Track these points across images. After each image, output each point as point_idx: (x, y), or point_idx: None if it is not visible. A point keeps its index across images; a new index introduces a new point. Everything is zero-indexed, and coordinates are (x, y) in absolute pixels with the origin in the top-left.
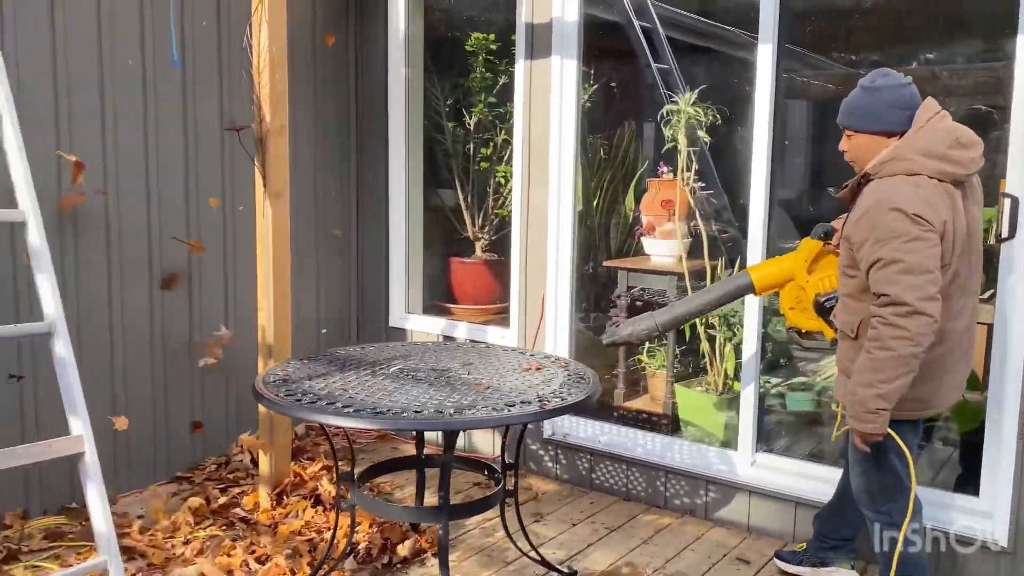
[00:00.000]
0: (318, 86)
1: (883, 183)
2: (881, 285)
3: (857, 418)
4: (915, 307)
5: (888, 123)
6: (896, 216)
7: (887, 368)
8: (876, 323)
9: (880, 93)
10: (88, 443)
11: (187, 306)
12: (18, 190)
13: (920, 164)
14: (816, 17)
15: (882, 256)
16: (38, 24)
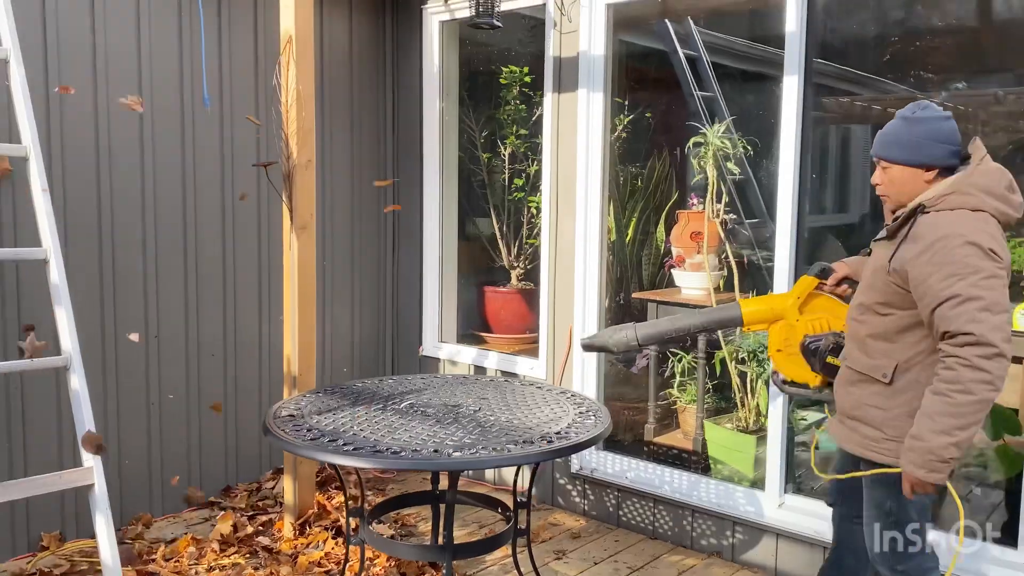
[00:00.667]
0: (354, 119)
1: (946, 216)
2: (960, 324)
3: (925, 466)
4: (1000, 349)
5: (928, 156)
6: (973, 251)
7: (968, 414)
8: (954, 364)
9: (921, 125)
10: (98, 474)
11: (222, 334)
12: (41, 228)
13: (983, 201)
14: (875, 41)
15: (960, 292)
16: (83, 66)
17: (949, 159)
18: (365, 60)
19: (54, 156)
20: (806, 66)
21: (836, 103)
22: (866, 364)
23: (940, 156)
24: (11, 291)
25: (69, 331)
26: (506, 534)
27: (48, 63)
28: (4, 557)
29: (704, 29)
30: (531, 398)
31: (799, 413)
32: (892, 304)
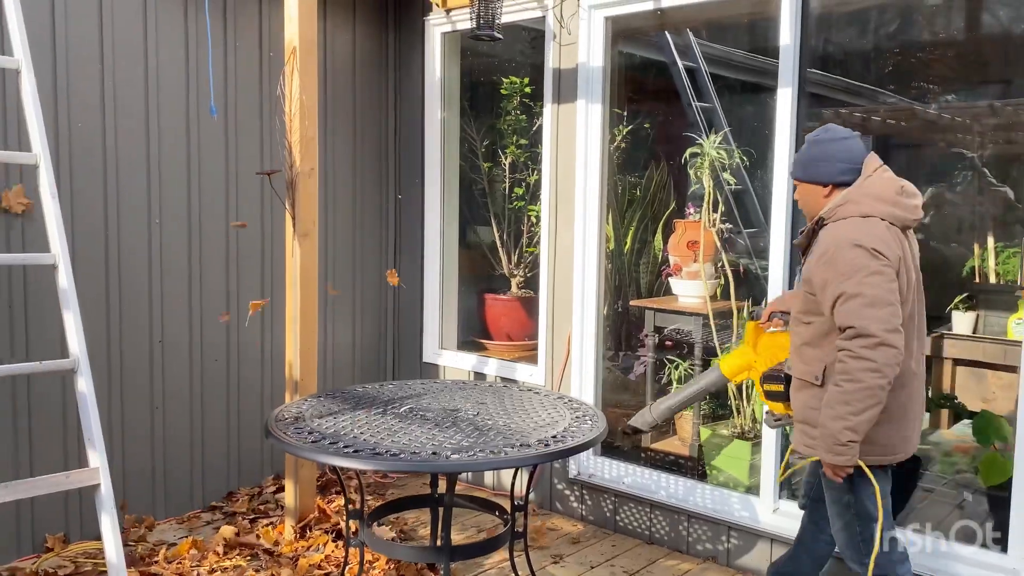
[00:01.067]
0: (357, 128)
1: (839, 224)
2: (847, 318)
3: (829, 451)
4: (881, 338)
5: (822, 174)
6: (857, 252)
7: (856, 400)
8: (844, 357)
9: (818, 146)
10: (104, 475)
11: (225, 339)
12: (51, 234)
13: (872, 207)
14: (871, 53)
15: (845, 290)
16: (91, 76)
17: (841, 175)
18: (368, 71)
19: (62, 164)
20: (800, 78)
21: (834, 115)
22: (802, 370)
23: (832, 173)
24: (19, 295)
25: (77, 335)
26: (503, 536)
27: (57, 74)
28: (9, 558)
29: (703, 41)
30: (529, 403)
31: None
32: (811, 312)
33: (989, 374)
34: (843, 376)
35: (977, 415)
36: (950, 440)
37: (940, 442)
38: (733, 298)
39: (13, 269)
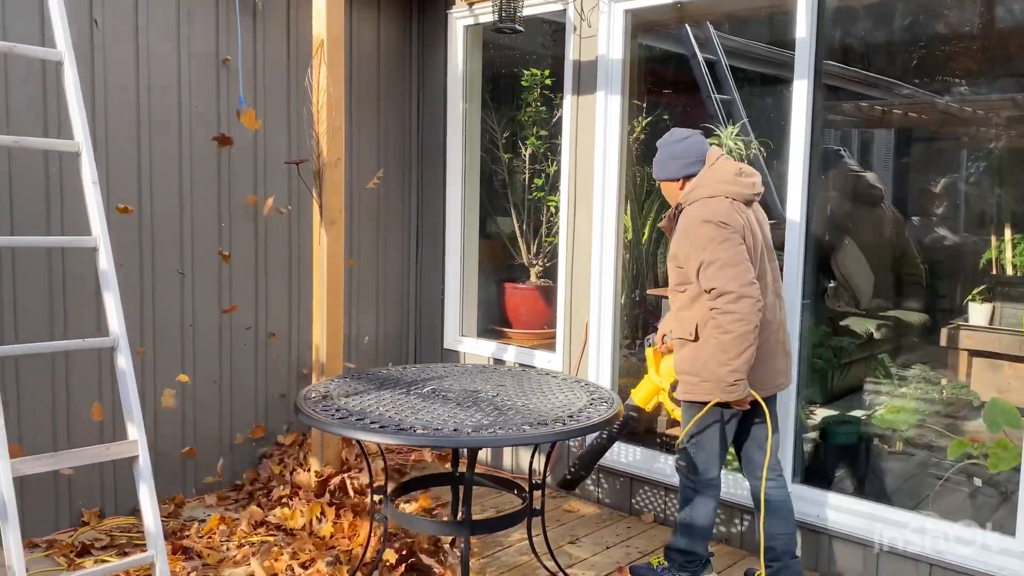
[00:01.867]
0: (381, 119)
1: (692, 207)
2: (709, 281)
3: (724, 391)
4: (739, 292)
5: (670, 171)
6: (707, 227)
7: (731, 347)
8: (714, 314)
9: (663, 150)
10: (142, 448)
11: (254, 322)
12: (91, 218)
13: (716, 188)
14: (889, 46)
15: (704, 259)
16: (127, 68)
17: (685, 170)
18: (392, 63)
19: (99, 152)
20: (816, 70)
21: (853, 108)
22: (680, 330)
23: (677, 169)
24: (57, 277)
25: (116, 314)
26: (521, 513)
27: (95, 66)
28: (48, 531)
29: (723, 33)
30: (547, 386)
31: (806, 408)
32: (682, 283)
33: (1005, 365)
34: (717, 330)
35: (988, 402)
36: (964, 430)
37: (956, 432)
38: None
39: (53, 252)
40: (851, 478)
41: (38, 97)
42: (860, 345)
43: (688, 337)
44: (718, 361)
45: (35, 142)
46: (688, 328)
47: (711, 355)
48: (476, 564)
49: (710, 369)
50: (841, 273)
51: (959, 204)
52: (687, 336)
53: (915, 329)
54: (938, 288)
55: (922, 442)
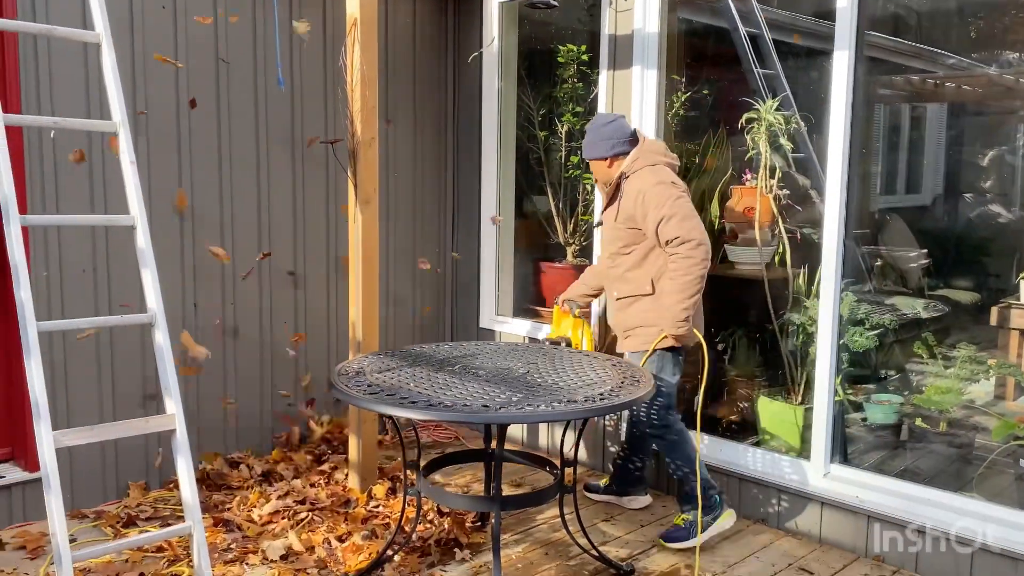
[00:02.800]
0: (416, 98)
1: (638, 174)
2: (671, 232)
3: (674, 327)
4: (698, 240)
5: (600, 151)
6: (662, 187)
7: (689, 287)
8: (675, 260)
9: (596, 131)
10: (179, 421)
11: (292, 301)
12: (130, 198)
13: (656, 159)
14: (936, 15)
15: (664, 214)
16: (166, 50)
17: (612, 150)
18: (427, 41)
19: (139, 133)
20: (857, 41)
21: (905, 81)
22: (632, 288)
23: (604, 149)
24: (101, 255)
25: (154, 291)
26: (552, 489)
27: (135, 47)
28: (96, 502)
29: (765, 6)
30: (578, 364)
31: (849, 389)
32: (630, 243)
33: None
34: (677, 272)
35: None
36: (1013, 411)
37: (1003, 413)
38: (789, 265)
39: (97, 231)
40: (892, 459)
41: (80, 78)
42: (905, 324)
43: (643, 292)
44: (674, 300)
45: (75, 123)
46: (642, 284)
47: (667, 295)
48: (509, 539)
49: (667, 306)
50: (887, 251)
51: (1013, 179)
52: (642, 292)
53: (964, 308)
54: (989, 266)
55: (967, 423)
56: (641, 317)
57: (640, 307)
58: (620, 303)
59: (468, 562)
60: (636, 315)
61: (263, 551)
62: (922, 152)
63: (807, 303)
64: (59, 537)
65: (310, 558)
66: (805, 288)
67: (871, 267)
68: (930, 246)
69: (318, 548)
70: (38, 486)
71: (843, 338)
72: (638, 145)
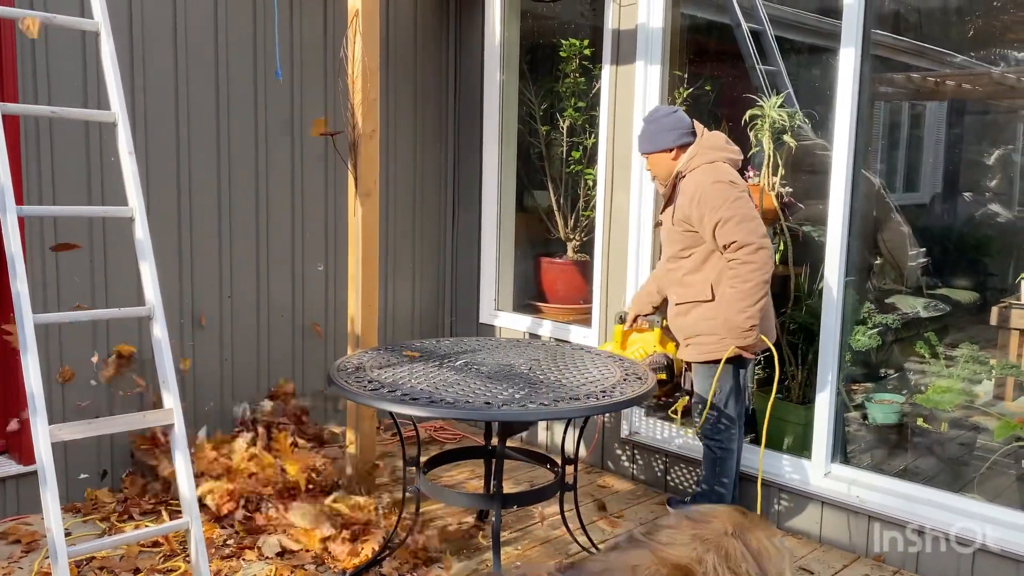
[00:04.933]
0: (417, 91)
1: (695, 172)
2: (729, 236)
3: (739, 338)
4: (758, 243)
5: (664, 142)
6: (719, 186)
7: (749, 295)
8: (734, 265)
9: (653, 123)
10: (177, 416)
11: (291, 294)
12: (128, 188)
13: (714, 155)
14: (944, 12)
15: (722, 216)
16: (165, 39)
17: (679, 140)
18: (429, 34)
19: (137, 123)
20: (864, 39)
21: (906, 79)
22: (690, 294)
23: (671, 140)
24: (99, 246)
25: (152, 284)
26: (553, 486)
27: (133, 36)
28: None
29: (768, 2)
30: (580, 361)
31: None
32: (688, 246)
33: None
34: (736, 279)
35: None
36: (1013, 411)
37: (1004, 413)
38: (791, 263)
39: (94, 222)
40: (892, 459)
41: (78, 67)
42: (906, 323)
43: (703, 298)
44: (736, 309)
45: (73, 112)
46: (702, 289)
47: (728, 304)
48: (508, 537)
49: (727, 319)
50: (887, 249)
51: (1013, 178)
52: (701, 297)
53: (964, 307)
54: (990, 266)
55: (968, 423)
56: (701, 325)
57: (699, 314)
58: (679, 308)
59: (468, 559)
60: (696, 323)
61: (259, 548)
62: (921, 150)
63: (809, 301)
64: (54, 532)
65: (307, 555)
66: (806, 286)
67: (871, 265)
68: (929, 245)
69: (315, 545)
70: (32, 479)
71: (846, 337)
72: (697, 139)
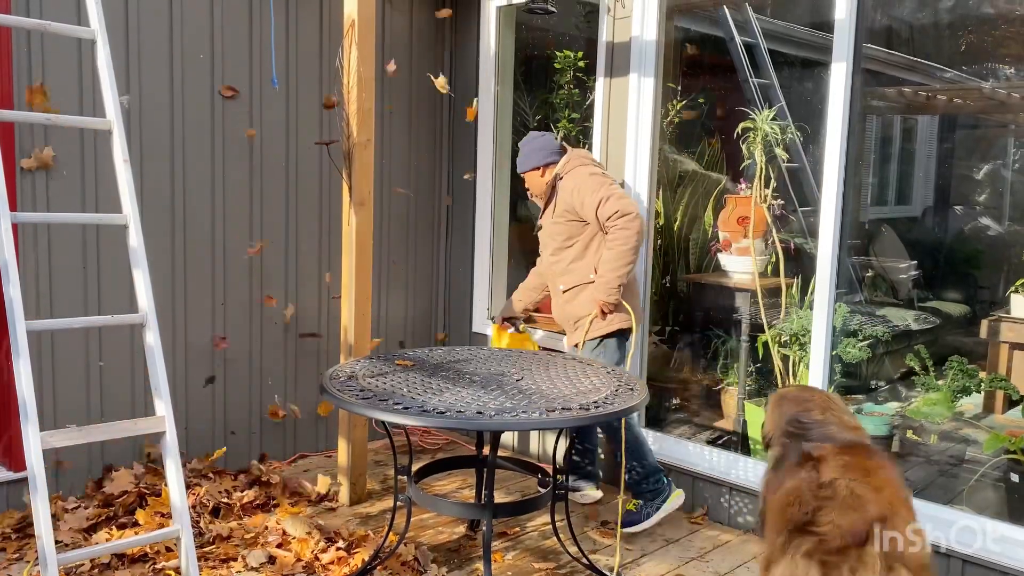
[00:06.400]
0: (412, 101)
1: (574, 171)
2: (610, 208)
3: (607, 294)
4: (636, 212)
5: (534, 162)
6: (596, 176)
7: (623, 256)
8: (613, 231)
9: (529, 145)
10: (169, 423)
11: (283, 303)
12: (123, 197)
13: (586, 160)
14: (935, 28)
15: (601, 195)
16: (160, 47)
17: (546, 159)
18: (424, 44)
19: (132, 131)
20: (855, 53)
21: (898, 93)
22: (576, 278)
23: (539, 159)
24: (92, 253)
25: (146, 291)
26: (545, 497)
27: (129, 44)
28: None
29: (762, 16)
30: (572, 371)
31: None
32: (572, 235)
33: None
34: (615, 242)
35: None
36: (1003, 424)
37: (993, 426)
38: (783, 275)
39: (88, 229)
40: None
41: (73, 74)
42: (896, 336)
43: (587, 281)
44: (610, 267)
45: (68, 120)
46: (586, 273)
47: (603, 263)
48: (499, 546)
49: (602, 274)
50: (878, 262)
51: (1003, 192)
52: (586, 280)
53: (954, 320)
54: (979, 279)
55: (958, 436)
56: (588, 307)
57: (587, 296)
58: (566, 295)
59: (458, 569)
60: (584, 304)
61: (243, 557)
62: (913, 164)
63: (800, 313)
64: (44, 539)
65: (298, 564)
66: (798, 298)
67: (862, 278)
68: (920, 258)
69: (305, 554)
70: (21, 485)
71: (836, 349)
72: (567, 153)
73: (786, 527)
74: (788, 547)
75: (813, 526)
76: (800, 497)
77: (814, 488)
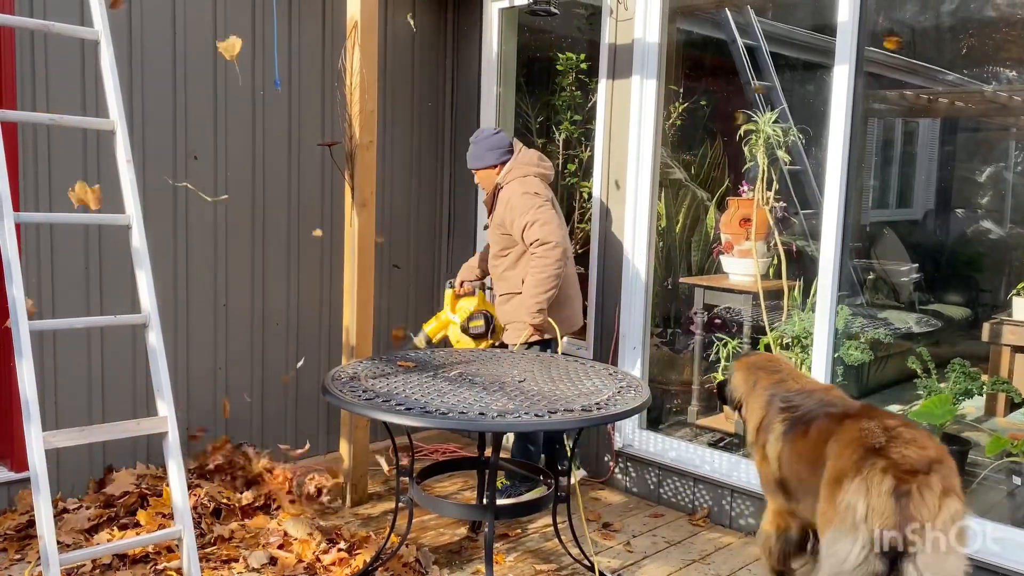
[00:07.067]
0: (415, 103)
1: (510, 185)
2: (533, 235)
3: (531, 317)
4: (556, 242)
5: (486, 160)
6: (526, 197)
7: (543, 283)
8: (535, 260)
9: (477, 144)
10: (171, 424)
11: (285, 304)
12: (125, 196)
13: (526, 170)
14: (938, 31)
15: (527, 220)
16: (164, 49)
17: (499, 158)
18: (426, 46)
19: (135, 131)
20: (857, 55)
21: (900, 96)
22: (508, 287)
23: (492, 158)
24: (94, 254)
25: (148, 292)
26: (546, 499)
27: (132, 46)
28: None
29: (763, 19)
30: (574, 373)
31: None
32: (506, 247)
33: None
34: (535, 270)
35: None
36: (1005, 427)
37: (995, 429)
38: (784, 277)
39: (91, 230)
40: None
41: (76, 75)
42: (898, 338)
43: (516, 291)
44: (530, 293)
45: (71, 120)
46: (516, 283)
47: (526, 288)
48: (501, 548)
49: (525, 298)
50: (880, 264)
51: (1005, 195)
52: (515, 290)
53: (956, 323)
54: (981, 282)
55: (960, 439)
56: (514, 313)
57: (516, 303)
58: (500, 299)
59: (460, 570)
60: (514, 310)
61: (244, 558)
62: (914, 166)
63: (801, 315)
64: (47, 540)
65: (300, 565)
66: (800, 300)
67: (863, 281)
68: (922, 260)
69: (307, 555)
70: (24, 486)
71: (838, 351)
72: (513, 155)
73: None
74: (863, 464)
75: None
76: (873, 432)
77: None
